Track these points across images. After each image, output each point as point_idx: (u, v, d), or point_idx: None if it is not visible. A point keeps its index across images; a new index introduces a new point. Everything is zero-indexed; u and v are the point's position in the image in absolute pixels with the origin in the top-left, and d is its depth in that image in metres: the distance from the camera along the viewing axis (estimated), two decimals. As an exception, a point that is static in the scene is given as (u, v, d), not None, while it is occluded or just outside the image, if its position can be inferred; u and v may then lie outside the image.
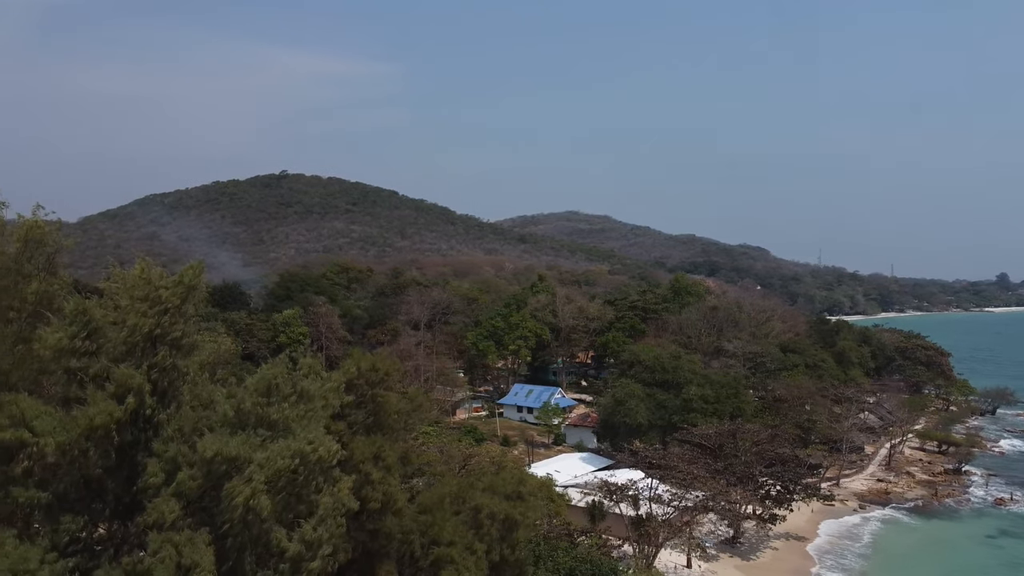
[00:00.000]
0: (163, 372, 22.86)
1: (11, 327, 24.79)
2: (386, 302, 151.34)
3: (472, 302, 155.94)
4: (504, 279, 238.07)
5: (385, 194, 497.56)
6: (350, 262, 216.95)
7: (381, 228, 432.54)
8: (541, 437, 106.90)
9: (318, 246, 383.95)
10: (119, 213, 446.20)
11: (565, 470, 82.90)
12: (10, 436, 20.37)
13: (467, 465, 48.60)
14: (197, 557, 20.33)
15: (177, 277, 23.41)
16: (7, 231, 27.21)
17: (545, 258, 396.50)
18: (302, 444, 22.29)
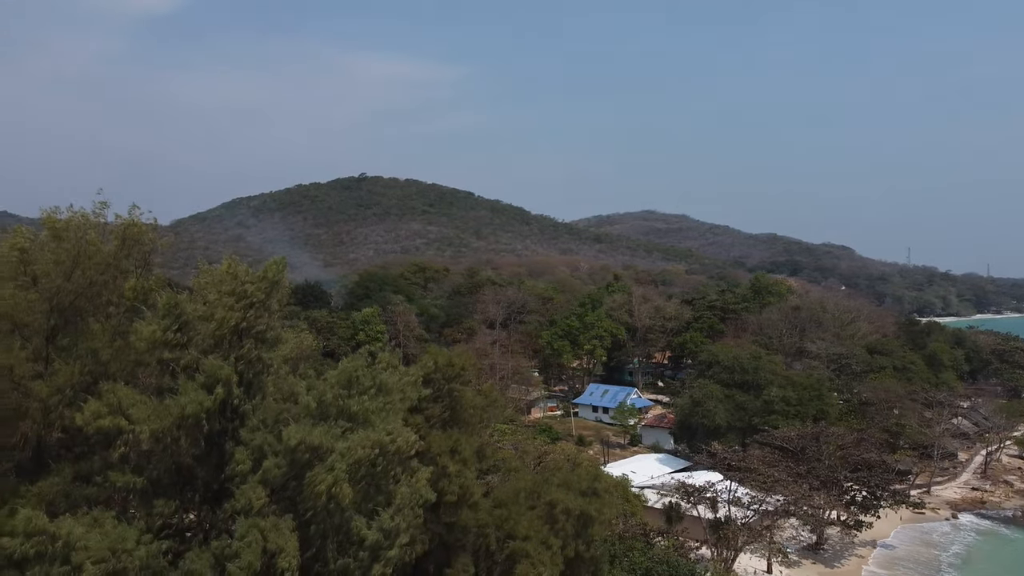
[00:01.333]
0: (249, 364, 23.70)
1: (110, 321, 26.13)
2: (462, 301, 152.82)
3: (547, 301, 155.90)
4: (579, 279, 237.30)
5: (461, 195, 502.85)
6: (427, 262, 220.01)
7: (457, 229, 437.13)
8: (617, 437, 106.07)
9: (396, 247, 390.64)
10: (208, 216, 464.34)
11: (641, 471, 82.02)
12: (109, 423, 21.48)
13: (542, 462, 48.67)
14: (282, 542, 21.02)
15: (261, 273, 24.24)
16: (107, 230, 28.73)
17: (621, 258, 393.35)
18: (381, 435, 22.79)
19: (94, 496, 23.00)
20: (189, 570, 21.54)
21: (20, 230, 28.18)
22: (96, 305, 25.99)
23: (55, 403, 23.14)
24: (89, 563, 19.68)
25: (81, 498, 22.73)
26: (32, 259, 26.67)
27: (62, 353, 24.56)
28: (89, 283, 24.91)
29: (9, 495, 22.64)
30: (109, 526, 21.03)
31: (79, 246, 25.50)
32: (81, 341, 24.54)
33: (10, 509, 21.16)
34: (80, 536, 20.09)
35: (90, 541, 20.05)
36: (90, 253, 25.42)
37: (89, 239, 26.90)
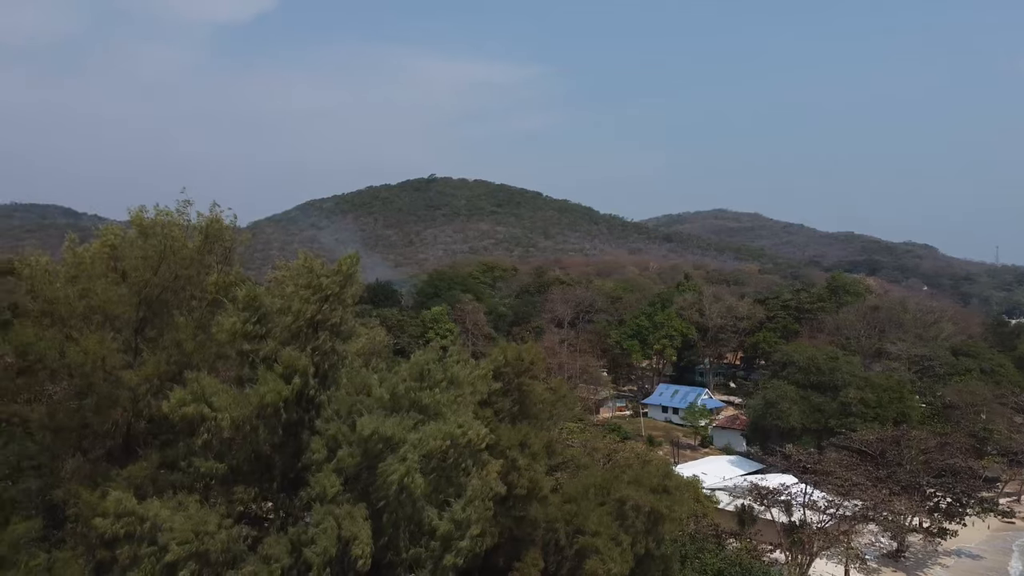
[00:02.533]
0: (324, 355, 24.29)
1: (194, 314, 27.19)
2: (530, 300, 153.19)
3: (616, 301, 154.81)
4: (649, 278, 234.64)
5: (529, 195, 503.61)
6: (495, 261, 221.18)
7: (525, 229, 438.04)
8: (687, 438, 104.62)
9: (464, 247, 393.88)
10: (283, 218, 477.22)
11: (712, 472, 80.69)
12: (193, 410, 22.33)
13: (611, 459, 48.38)
14: (356, 530, 21.47)
15: (336, 266, 24.81)
16: (190, 227, 29.91)
17: (691, 257, 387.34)
18: (452, 427, 23.04)
19: (178, 481, 23.93)
20: (267, 555, 22.21)
21: (110, 229, 29.58)
22: (181, 299, 27.09)
23: (143, 392, 24.20)
24: (174, 544, 20.53)
25: (167, 483, 23.69)
26: (121, 255, 27.97)
27: (149, 344, 25.68)
28: (174, 277, 25.96)
29: (101, 479, 23.82)
30: (192, 510, 21.87)
31: (165, 242, 26.59)
32: (167, 333, 25.59)
33: (102, 492, 22.26)
34: (166, 518, 20.98)
35: (175, 523, 20.91)
36: (175, 249, 26.49)
37: (174, 236, 28.05)
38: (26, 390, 25.79)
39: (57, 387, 25.88)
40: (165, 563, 20.56)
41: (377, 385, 25.14)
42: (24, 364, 25.22)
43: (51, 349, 23.95)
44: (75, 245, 28.98)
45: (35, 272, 27.36)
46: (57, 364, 24.07)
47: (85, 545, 22.92)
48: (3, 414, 24.64)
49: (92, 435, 25.32)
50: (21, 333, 24.54)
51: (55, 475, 25.17)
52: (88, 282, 25.33)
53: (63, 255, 28.95)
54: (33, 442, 25.17)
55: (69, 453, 25.04)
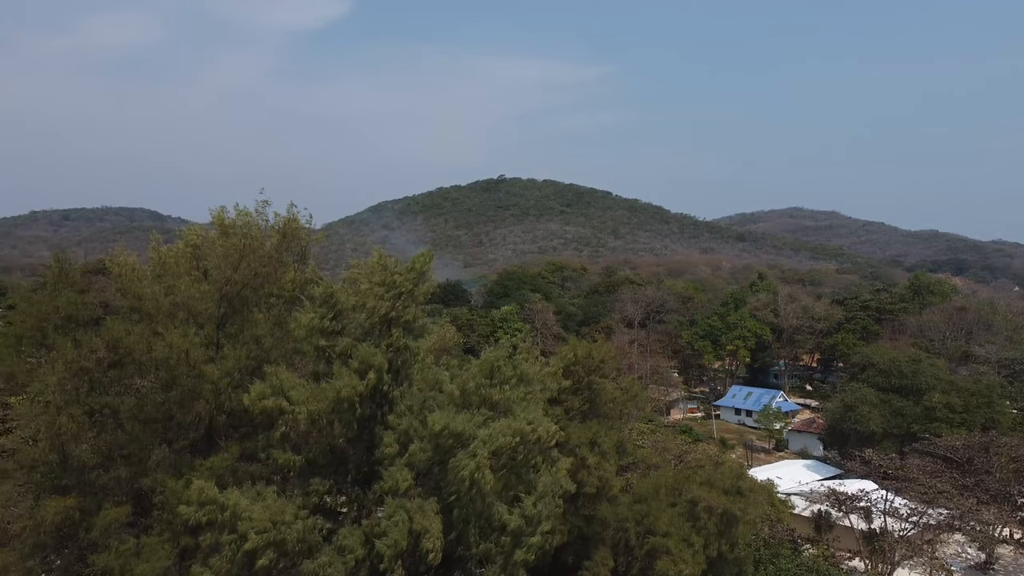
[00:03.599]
0: (397, 352, 24.67)
1: (272, 310, 28.02)
2: (599, 300, 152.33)
3: (687, 301, 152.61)
4: (721, 278, 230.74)
5: (599, 195, 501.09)
6: (564, 261, 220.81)
7: (594, 228, 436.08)
8: (761, 441, 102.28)
9: (533, 247, 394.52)
10: (356, 219, 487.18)
11: (788, 476, 78.63)
12: (272, 404, 23.01)
13: (683, 460, 47.69)
14: (427, 524, 21.75)
15: (409, 264, 25.18)
16: (268, 227, 30.85)
17: (765, 257, 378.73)
18: (522, 424, 23.09)
19: (257, 472, 24.70)
20: (341, 545, 22.70)
21: (193, 229, 30.80)
22: (259, 295, 27.94)
23: (224, 385, 25.06)
24: (253, 533, 21.18)
25: (246, 474, 24.47)
26: (204, 254, 29.08)
27: (230, 340, 26.56)
28: (253, 275, 26.79)
29: (186, 468, 24.77)
30: (270, 500, 22.53)
31: (244, 241, 27.49)
32: (246, 329, 26.44)
33: (186, 481, 23.16)
34: (245, 508, 21.67)
35: (254, 513, 21.57)
36: (254, 247, 27.35)
37: (253, 235, 28.98)
38: (117, 383, 26.95)
39: (145, 380, 26.96)
40: (245, 551, 21.22)
41: (448, 381, 25.41)
42: (115, 358, 26.39)
43: (139, 344, 25.01)
44: (160, 245, 30.28)
45: (124, 271, 28.68)
46: (145, 358, 25.12)
47: (171, 531, 23.85)
48: (96, 405, 25.81)
49: (177, 427, 26.35)
50: (112, 329, 25.69)
51: (143, 464, 26.28)
52: (173, 280, 26.39)
53: (149, 255, 30.26)
54: (123, 432, 26.33)
55: (156, 443, 26.08)
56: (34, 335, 26.46)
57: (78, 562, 25.91)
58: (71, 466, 25.98)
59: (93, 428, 26.28)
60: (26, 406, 25.51)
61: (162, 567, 22.53)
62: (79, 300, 27.53)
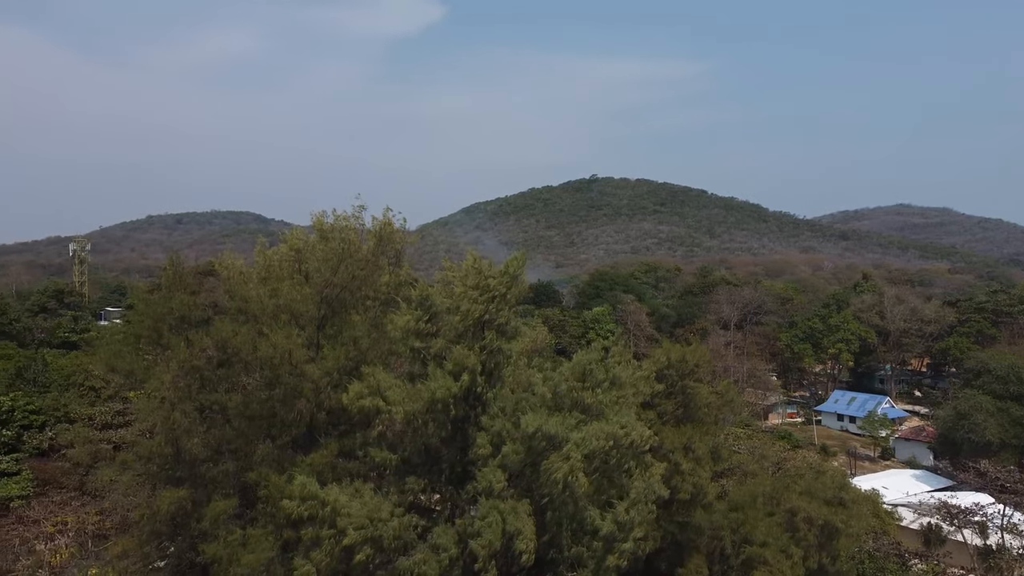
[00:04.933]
0: (490, 354, 24.90)
1: (368, 312, 28.81)
2: (694, 301, 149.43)
3: (786, 302, 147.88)
4: (822, 278, 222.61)
5: (693, 193, 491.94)
6: (658, 261, 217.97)
7: (689, 228, 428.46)
8: (865, 449, 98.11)
9: (626, 247, 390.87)
10: (449, 220, 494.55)
11: (894, 487, 75.12)
12: (369, 403, 23.65)
13: (781, 468, 46.23)
14: (520, 525, 21.88)
15: (503, 267, 25.38)
16: (364, 231, 31.76)
17: (870, 256, 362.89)
18: (615, 428, 22.93)
19: (355, 470, 25.43)
20: (436, 544, 23.10)
21: (295, 233, 32.01)
22: (357, 298, 28.79)
23: (324, 385, 25.94)
24: (351, 528, 21.83)
25: (344, 471, 25.23)
26: (305, 258, 30.18)
27: (329, 340, 27.47)
28: (351, 278, 27.62)
29: (288, 464, 25.76)
30: (368, 497, 23.16)
31: (343, 246, 28.39)
32: (345, 330, 27.28)
33: (289, 476, 24.09)
34: (344, 504, 22.35)
35: (352, 509, 22.23)
36: (352, 252, 28.22)
37: (351, 239, 29.91)
38: (225, 380, 28.27)
39: (250, 378, 28.19)
40: (343, 546, 21.90)
41: (540, 383, 25.47)
42: (223, 357, 27.72)
43: (245, 344, 26.17)
44: (264, 249, 31.64)
45: (231, 274, 30.12)
46: (250, 358, 26.27)
47: (274, 524, 24.84)
48: (206, 402, 27.16)
49: (280, 423, 27.43)
50: (221, 329, 26.98)
51: (248, 459, 27.50)
52: (276, 283, 27.50)
53: (255, 258, 31.66)
54: (230, 428, 27.62)
55: (260, 439, 27.23)
56: (151, 335, 28.08)
57: (190, 550, 27.33)
58: (184, 459, 27.43)
59: (203, 423, 27.66)
60: (143, 402, 27.07)
61: (266, 558, 23.49)
62: (191, 302, 29.05)
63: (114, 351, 28.47)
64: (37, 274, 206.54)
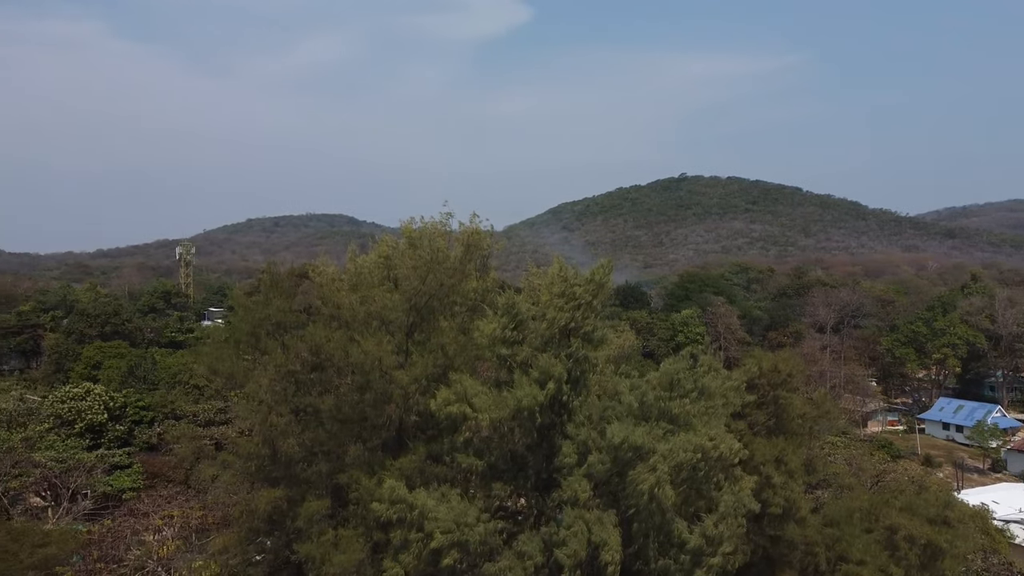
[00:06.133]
0: (576, 362, 24.85)
1: (455, 319, 29.19)
2: (788, 303, 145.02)
3: (887, 304, 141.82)
4: (927, 279, 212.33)
5: (787, 191, 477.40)
6: (749, 262, 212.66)
7: (783, 227, 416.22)
8: (974, 460, 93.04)
9: (716, 247, 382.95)
10: (536, 221, 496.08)
11: (1006, 502, 70.86)
12: (456, 410, 23.97)
13: (880, 481, 44.31)
14: (606, 536, 21.76)
15: (589, 275, 25.31)
16: (452, 237, 32.22)
17: (980, 255, 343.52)
18: (703, 439, 22.52)
19: (442, 474, 25.82)
20: (521, 551, 23.21)
21: (385, 240, 32.78)
22: (444, 304, 29.21)
23: (413, 390, 26.45)
24: (438, 532, 22.16)
25: (432, 475, 25.65)
26: (394, 264, 30.87)
27: (417, 347, 27.99)
28: (439, 285, 28.05)
29: (378, 467, 26.40)
30: (455, 502, 23.46)
31: (431, 253, 28.87)
32: (433, 336, 27.74)
33: (379, 479, 24.68)
34: (432, 508, 22.72)
35: (439, 513, 22.57)
36: (440, 259, 28.66)
37: (439, 246, 30.38)
38: (318, 384, 29.21)
39: (342, 382, 29.03)
40: (431, 549, 22.27)
41: (627, 392, 25.27)
42: (317, 361, 28.66)
43: (337, 349, 26.96)
44: (356, 256, 32.51)
45: (324, 280, 31.08)
46: (343, 363, 27.05)
47: (364, 526, 25.52)
48: (301, 405, 28.13)
49: (370, 427, 28.14)
50: (314, 335, 27.89)
51: (340, 460, 28.33)
52: (367, 290, 28.22)
53: (346, 265, 32.58)
54: (323, 430, 28.52)
55: (351, 441, 28.01)
56: (250, 339, 29.27)
57: (285, 548, 28.38)
58: (280, 460, 28.50)
59: (298, 425, 28.68)
60: (243, 404, 28.26)
61: (357, 559, 24.14)
62: (287, 307, 30.14)
63: (216, 355, 29.78)
64: (147, 275, 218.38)
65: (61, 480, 48.03)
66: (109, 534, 36.89)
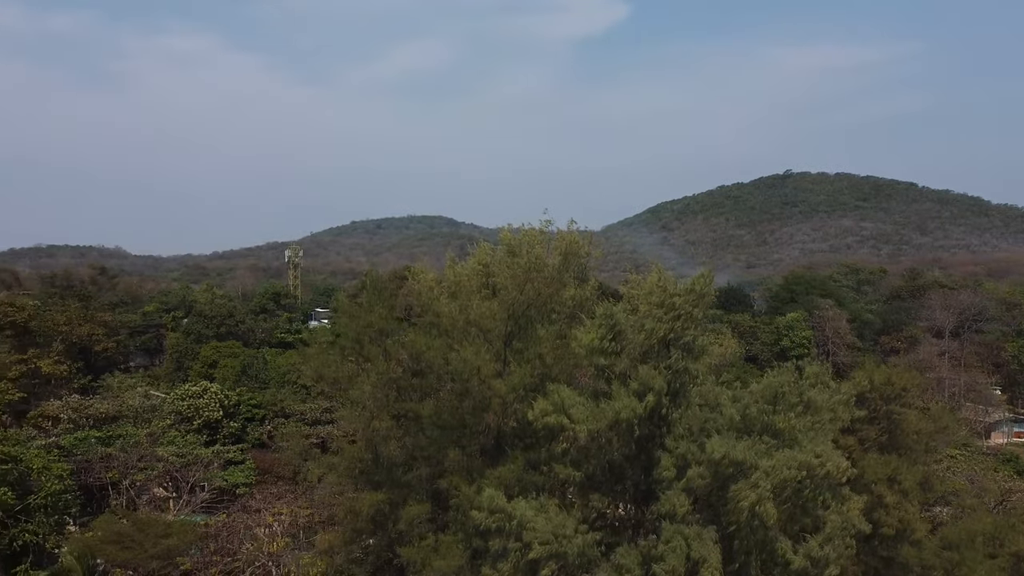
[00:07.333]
0: (675, 374, 24.45)
1: (553, 327, 29.22)
2: (902, 306, 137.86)
3: (1013, 307, 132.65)
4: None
5: (901, 187, 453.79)
6: (859, 262, 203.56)
7: (896, 224, 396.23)
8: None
9: (824, 246, 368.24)
10: (635, 221, 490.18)
11: None
12: (553, 420, 23.98)
13: (1006, 501, 41.49)
14: (705, 552, 21.31)
15: (689, 285, 24.83)
16: (551, 244, 32.24)
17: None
18: (808, 456, 21.75)
19: (540, 483, 25.89)
20: (619, 564, 23.00)
21: (484, 248, 33.08)
22: (542, 313, 29.29)
23: (511, 399, 26.65)
24: (536, 543, 22.23)
25: (530, 484, 25.76)
26: (492, 272, 31.15)
27: (516, 356, 28.17)
28: (537, 294, 28.14)
29: (476, 474, 26.72)
30: (553, 512, 23.48)
31: (530, 262, 28.99)
32: (531, 346, 27.85)
33: (478, 487, 24.97)
34: (530, 518, 22.81)
35: (538, 524, 22.64)
36: (538, 267, 28.76)
37: (537, 254, 30.47)
38: (419, 389, 29.88)
39: (442, 388, 29.56)
40: (528, 560, 22.37)
41: (728, 404, 24.66)
42: (417, 368, 29.31)
43: (437, 357, 27.48)
44: (455, 263, 32.99)
45: (423, 288, 31.69)
46: (442, 370, 27.55)
47: (463, 532, 25.89)
48: (402, 410, 28.84)
49: (469, 433, 28.56)
50: (416, 341, 28.53)
51: (440, 465, 28.86)
52: (466, 298, 28.61)
53: (445, 271, 33.11)
54: (423, 435, 29.13)
55: (450, 447, 28.47)
56: (354, 345, 30.22)
57: (387, 549, 29.16)
58: (382, 464, 29.35)
59: (399, 430, 29.41)
60: (347, 410, 29.17)
61: (456, 565, 24.53)
62: (388, 315, 30.96)
63: (322, 360, 30.85)
64: (259, 276, 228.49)
65: (181, 474, 50.93)
66: (224, 528, 38.90)
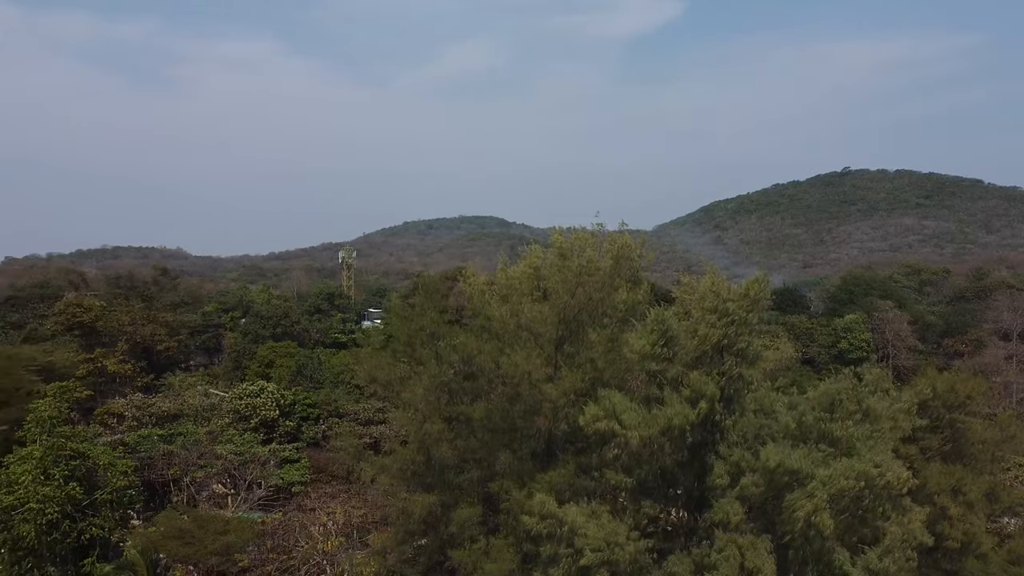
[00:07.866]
0: (729, 380, 24.12)
1: (605, 332, 29.06)
2: (966, 307, 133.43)
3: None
4: None
5: (965, 184, 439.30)
6: (921, 262, 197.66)
7: (960, 222, 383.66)
8: None
9: (883, 245, 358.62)
10: (687, 220, 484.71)
11: None
12: (604, 426, 23.85)
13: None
14: (759, 563, 20.96)
15: (743, 290, 24.44)
16: (602, 247, 32.06)
17: None
18: (867, 466, 21.21)
19: (591, 489, 25.79)
20: (671, 572, 22.78)
21: (535, 251, 33.04)
22: (593, 317, 29.13)
23: (562, 404, 26.59)
24: (588, 550, 22.13)
25: (582, 489, 25.69)
26: (544, 275, 31.11)
27: (567, 360, 28.10)
28: (588, 298, 28.02)
29: (527, 477, 26.75)
30: (604, 519, 23.35)
31: (581, 265, 28.88)
32: (582, 350, 27.76)
33: (529, 492, 25.01)
34: (581, 524, 22.73)
35: (589, 530, 22.54)
36: (590, 271, 28.60)
37: (589, 257, 30.31)
38: (470, 392, 30.05)
39: (493, 392, 29.66)
40: (580, 566, 22.29)
41: (784, 411, 24.21)
42: (468, 371, 29.49)
43: (488, 360, 27.62)
44: (506, 266, 33.03)
45: (474, 291, 31.82)
46: (493, 374, 27.67)
47: (515, 535, 25.95)
48: (453, 413, 29.05)
49: (520, 436, 28.61)
50: (467, 344, 28.72)
51: (491, 468, 28.99)
52: (517, 302, 28.64)
53: (496, 274, 33.19)
54: (474, 438, 29.28)
55: (501, 450, 28.57)
56: (406, 348, 30.56)
57: (439, 551, 29.40)
58: (434, 466, 29.58)
59: (451, 432, 29.60)
60: (399, 412, 29.51)
61: (507, 569, 24.60)
62: (440, 318, 31.23)
63: (375, 362, 31.29)
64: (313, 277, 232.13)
65: (239, 471, 52.14)
66: (280, 527, 39.72)
